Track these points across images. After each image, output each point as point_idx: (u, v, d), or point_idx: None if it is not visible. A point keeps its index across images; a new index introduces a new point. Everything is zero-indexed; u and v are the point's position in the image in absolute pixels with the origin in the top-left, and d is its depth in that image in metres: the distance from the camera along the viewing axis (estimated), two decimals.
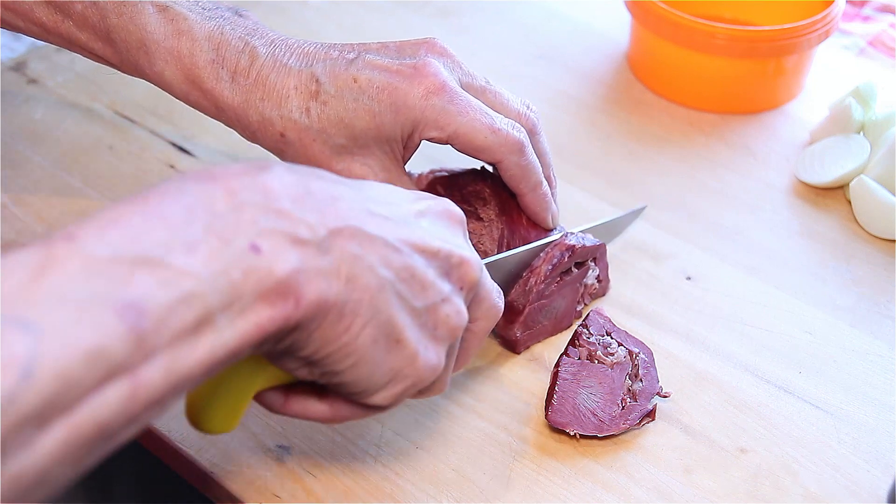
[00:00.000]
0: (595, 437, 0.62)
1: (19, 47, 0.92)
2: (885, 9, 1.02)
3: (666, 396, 0.64)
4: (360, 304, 0.44)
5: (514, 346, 0.67)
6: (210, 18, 0.63)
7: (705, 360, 0.67)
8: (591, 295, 0.70)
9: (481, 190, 0.68)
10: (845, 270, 0.74)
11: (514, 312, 0.65)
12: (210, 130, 0.83)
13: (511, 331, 0.66)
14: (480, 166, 0.69)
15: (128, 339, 0.37)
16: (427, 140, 0.63)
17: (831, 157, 0.81)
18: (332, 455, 0.61)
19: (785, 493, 0.60)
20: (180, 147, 0.83)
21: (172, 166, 0.81)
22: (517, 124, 0.63)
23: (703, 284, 0.73)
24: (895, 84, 0.91)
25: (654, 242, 0.76)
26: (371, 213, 0.47)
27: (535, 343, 0.68)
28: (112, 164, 0.81)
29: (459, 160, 0.68)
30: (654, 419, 0.63)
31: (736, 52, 0.85)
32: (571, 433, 0.61)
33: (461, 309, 0.50)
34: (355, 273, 0.44)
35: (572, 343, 0.64)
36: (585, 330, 0.64)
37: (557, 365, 0.63)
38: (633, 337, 0.65)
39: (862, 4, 1.03)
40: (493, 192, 0.67)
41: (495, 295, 0.54)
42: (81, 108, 0.86)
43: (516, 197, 0.66)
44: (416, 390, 0.50)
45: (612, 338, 0.64)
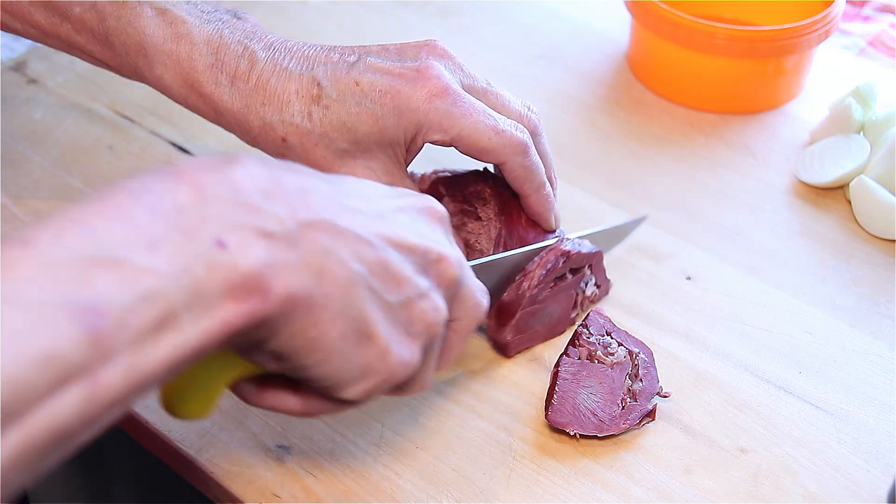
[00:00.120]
0: (595, 437, 0.62)
1: (19, 47, 0.92)
2: (885, 9, 1.02)
3: (666, 396, 0.64)
4: (329, 298, 0.43)
5: (504, 350, 0.66)
6: (209, 22, 0.62)
7: (705, 360, 0.67)
8: (591, 302, 0.70)
9: (482, 190, 0.68)
10: (845, 270, 0.74)
11: (506, 316, 0.65)
12: (210, 131, 0.83)
13: (502, 334, 0.65)
14: (483, 167, 0.69)
15: (84, 342, 0.36)
16: (431, 143, 0.63)
17: (831, 157, 0.81)
18: (332, 455, 0.61)
19: (785, 493, 0.60)
20: (180, 147, 0.83)
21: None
22: (520, 125, 0.63)
23: (703, 284, 0.73)
24: (895, 84, 0.91)
25: (654, 242, 0.76)
26: (345, 207, 0.46)
27: (527, 348, 0.67)
28: (112, 164, 0.81)
29: (462, 161, 0.68)
30: (654, 419, 0.63)
31: (736, 52, 0.85)
32: (571, 433, 0.61)
33: (439, 305, 0.49)
34: (326, 267, 0.43)
35: (572, 343, 0.64)
36: (585, 330, 0.64)
37: (557, 365, 0.63)
38: (633, 337, 0.65)
39: (862, 4, 1.03)
40: (493, 193, 0.67)
41: (479, 294, 0.53)
42: (81, 108, 0.86)
43: (519, 198, 0.66)
44: (388, 386, 0.49)
45: (612, 338, 0.64)
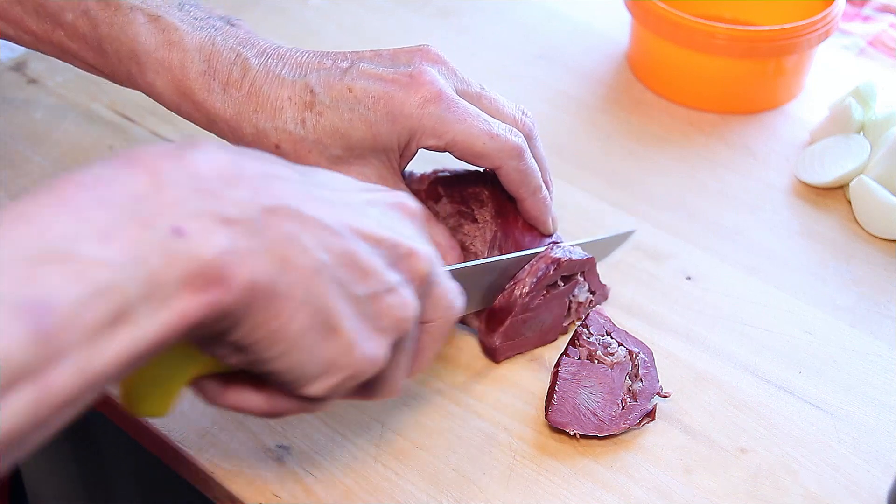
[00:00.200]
0: (595, 437, 0.62)
1: (19, 47, 0.92)
2: (885, 9, 1.02)
3: (666, 396, 0.64)
4: (293, 287, 0.42)
5: (493, 355, 0.66)
6: (201, 29, 0.62)
7: (705, 360, 0.67)
8: (586, 308, 0.69)
9: (480, 192, 0.68)
10: (845, 270, 0.74)
11: (496, 322, 0.65)
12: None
13: (491, 339, 0.65)
14: (483, 169, 0.69)
15: (31, 342, 0.34)
16: (425, 148, 0.62)
17: (831, 157, 0.81)
18: (332, 455, 0.61)
19: (785, 493, 0.60)
20: None
21: None
22: (514, 129, 0.63)
23: (703, 284, 0.73)
24: (895, 84, 0.91)
25: (654, 242, 0.76)
26: (311, 196, 0.44)
27: (518, 354, 0.67)
28: None
29: (461, 162, 0.68)
30: (654, 419, 0.63)
31: (736, 52, 0.85)
32: (571, 433, 0.61)
33: (408, 301, 0.47)
34: (289, 254, 0.41)
35: (572, 343, 0.64)
36: (585, 330, 0.64)
37: (557, 365, 0.63)
38: (633, 337, 0.65)
39: (862, 4, 1.03)
40: (491, 195, 0.67)
41: (452, 294, 0.52)
42: (81, 108, 0.86)
43: (516, 202, 0.66)
44: (354, 383, 0.47)
45: (612, 338, 0.64)
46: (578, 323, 0.67)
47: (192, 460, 0.61)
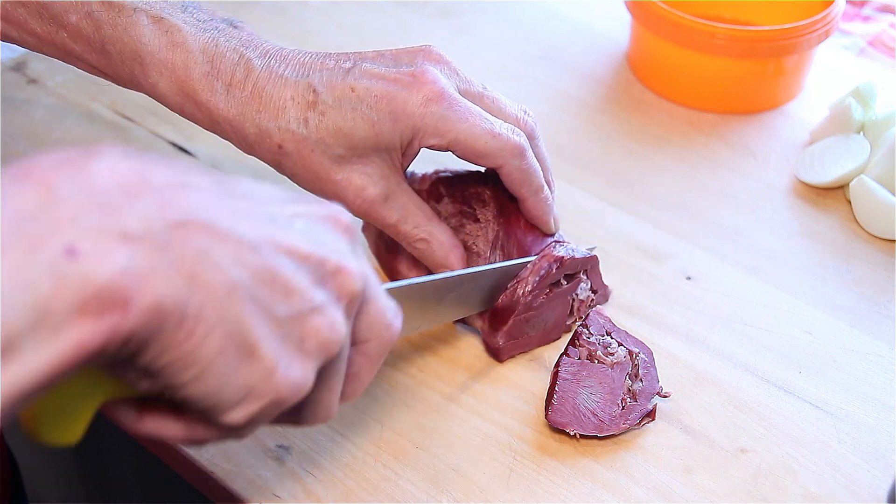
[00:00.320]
0: (595, 437, 0.62)
1: (20, 48, 0.92)
2: (885, 9, 1.02)
3: (666, 396, 0.64)
4: (204, 307, 0.38)
5: (496, 354, 0.66)
6: (204, 30, 0.62)
7: (705, 360, 0.67)
8: (587, 307, 0.69)
9: (482, 192, 0.68)
10: (845, 270, 0.74)
11: (499, 321, 0.65)
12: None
13: (494, 338, 0.65)
14: (485, 169, 0.69)
15: None
16: (427, 147, 0.63)
17: (831, 157, 0.81)
18: (332, 455, 0.61)
19: (785, 493, 0.60)
20: (180, 147, 0.83)
21: None
22: (516, 129, 0.64)
23: (703, 284, 0.73)
24: (895, 84, 0.91)
25: (654, 242, 0.76)
26: (227, 208, 0.40)
27: (521, 353, 0.67)
28: None
29: (462, 162, 0.68)
30: (654, 419, 0.63)
31: (736, 52, 0.85)
32: (571, 433, 0.61)
33: (336, 321, 0.43)
34: (199, 272, 0.38)
35: (572, 343, 0.64)
36: (585, 330, 0.64)
37: (557, 365, 0.63)
38: (633, 337, 0.65)
39: (862, 4, 1.03)
40: (493, 195, 0.67)
41: (389, 314, 0.48)
42: (81, 108, 0.86)
43: (518, 202, 0.66)
44: (279, 410, 0.43)
45: (612, 338, 0.64)
46: (578, 323, 0.67)
47: (192, 460, 0.61)
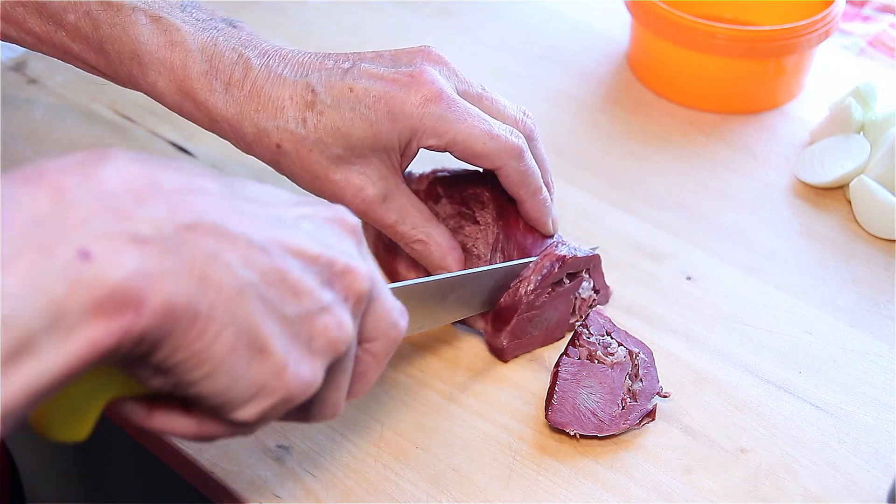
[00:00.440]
0: (595, 437, 0.62)
1: (19, 47, 0.92)
2: (885, 9, 1.02)
3: (666, 396, 0.64)
4: (214, 307, 0.39)
5: (500, 355, 0.66)
6: (203, 30, 0.62)
7: (705, 360, 0.67)
8: (589, 307, 0.69)
9: (480, 193, 0.68)
10: (845, 270, 0.74)
11: (502, 321, 0.65)
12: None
13: (497, 339, 0.65)
14: (482, 169, 0.69)
15: None
16: (425, 148, 0.63)
17: (831, 157, 0.81)
18: (332, 455, 0.61)
19: (785, 493, 0.60)
20: (180, 147, 0.83)
21: None
22: (515, 130, 0.63)
23: (703, 284, 0.73)
24: (895, 84, 0.91)
25: (654, 242, 0.76)
26: (236, 210, 0.41)
27: (525, 353, 0.67)
28: None
29: (460, 162, 0.68)
30: (654, 419, 0.63)
31: (736, 52, 0.85)
32: (571, 433, 0.61)
33: (343, 321, 0.44)
34: (209, 273, 0.39)
35: (572, 343, 0.64)
36: (585, 330, 0.64)
37: (557, 365, 0.63)
38: (633, 337, 0.65)
39: (862, 4, 1.03)
40: (492, 196, 0.67)
41: (395, 313, 0.49)
42: (81, 108, 0.86)
43: (516, 203, 0.66)
44: (288, 407, 0.44)
45: (612, 338, 0.64)
46: (578, 323, 0.67)
47: (192, 460, 0.61)
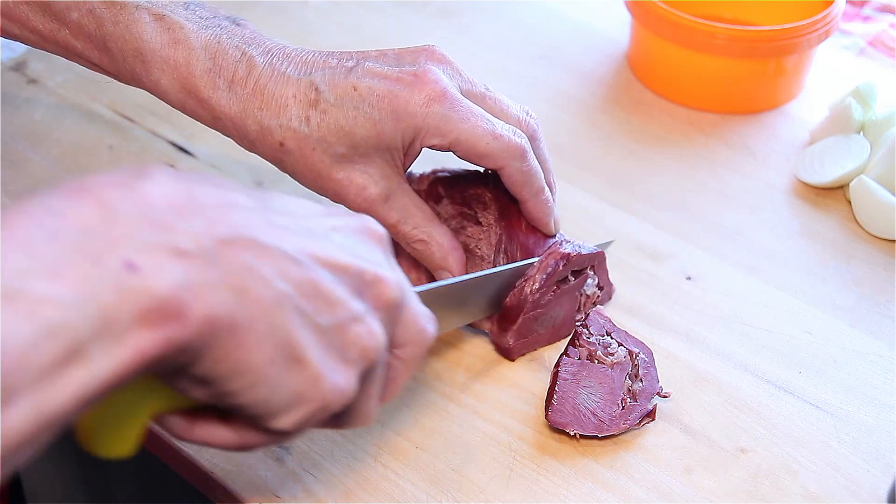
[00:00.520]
0: (595, 437, 0.62)
1: (19, 47, 0.92)
2: (885, 9, 1.02)
3: (666, 396, 0.64)
4: (253, 318, 0.40)
5: (507, 354, 0.66)
6: (207, 28, 0.62)
7: (705, 360, 0.67)
8: (594, 304, 0.69)
9: (482, 194, 0.68)
10: (845, 270, 0.74)
11: (508, 321, 0.65)
12: (210, 131, 0.83)
13: (504, 338, 0.65)
14: (483, 169, 0.69)
15: None
16: (428, 147, 0.62)
17: (831, 157, 0.81)
18: (332, 455, 0.61)
19: (785, 493, 0.60)
20: (180, 147, 0.83)
21: (172, 166, 0.81)
22: (518, 130, 0.63)
23: (703, 284, 0.73)
24: (895, 84, 0.91)
25: (654, 242, 0.76)
26: (270, 224, 0.43)
27: (532, 351, 0.67)
28: (112, 164, 0.81)
29: (461, 161, 0.68)
30: (654, 419, 0.63)
31: (736, 52, 0.85)
32: (571, 433, 0.61)
33: (375, 330, 0.46)
34: (247, 286, 0.40)
35: (572, 343, 0.64)
36: (585, 330, 0.64)
37: (557, 365, 0.63)
38: (633, 337, 0.65)
39: (862, 4, 1.03)
40: (493, 197, 0.67)
41: (423, 319, 0.50)
42: (81, 108, 0.86)
43: (518, 203, 0.66)
44: (324, 415, 0.45)
45: (612, 338, 0.64)
46: (579, 323, 0.67)
47: (192, 460, 0.61)
